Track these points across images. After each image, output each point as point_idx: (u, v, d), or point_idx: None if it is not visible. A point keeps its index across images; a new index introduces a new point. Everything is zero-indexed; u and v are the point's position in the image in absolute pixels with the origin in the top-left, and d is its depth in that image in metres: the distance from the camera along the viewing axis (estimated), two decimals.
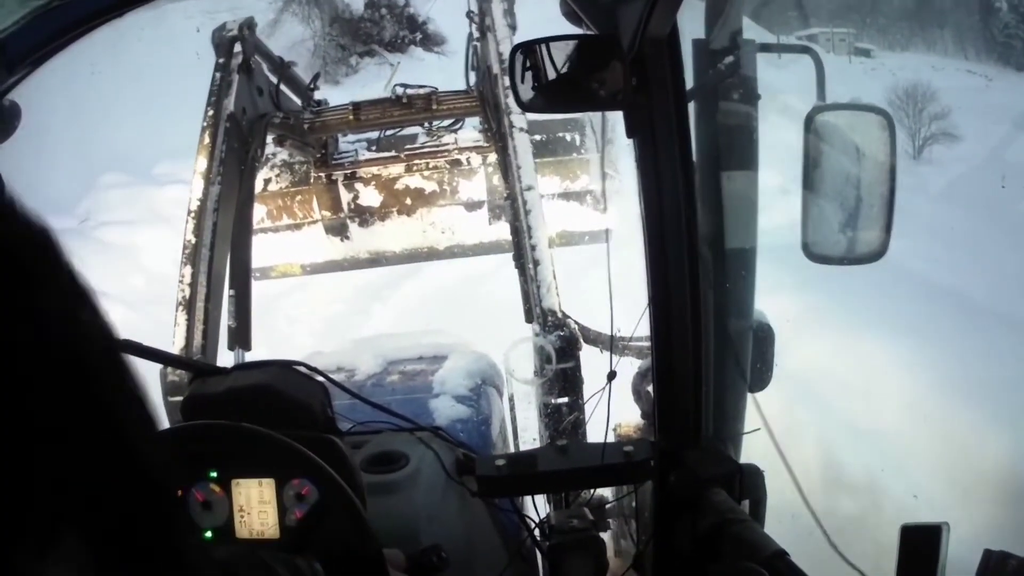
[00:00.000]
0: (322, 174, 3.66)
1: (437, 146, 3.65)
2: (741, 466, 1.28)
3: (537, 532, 1.57)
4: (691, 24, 1.42)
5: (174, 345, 2.22)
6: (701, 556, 1.18)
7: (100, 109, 11.31)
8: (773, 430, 1.75)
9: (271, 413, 1.24)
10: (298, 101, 3.31)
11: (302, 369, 1.44)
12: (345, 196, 3.75)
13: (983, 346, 5.26)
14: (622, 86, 1.09)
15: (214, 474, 1.24)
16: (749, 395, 1.65)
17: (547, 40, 1.11)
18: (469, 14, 3.28)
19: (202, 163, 2.42)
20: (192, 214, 2.36)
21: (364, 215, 3.80)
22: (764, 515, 1.32)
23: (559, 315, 2.11)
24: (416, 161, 3.67)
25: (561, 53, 1.11)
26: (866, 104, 1.57)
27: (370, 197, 3.76)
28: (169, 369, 2.10)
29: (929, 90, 15.88)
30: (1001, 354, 5.13)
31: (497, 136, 2.67)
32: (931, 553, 0.85)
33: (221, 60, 2.65)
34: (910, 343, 5.15)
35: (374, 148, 3.68)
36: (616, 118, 1.22)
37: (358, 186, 3.73)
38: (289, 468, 1.23)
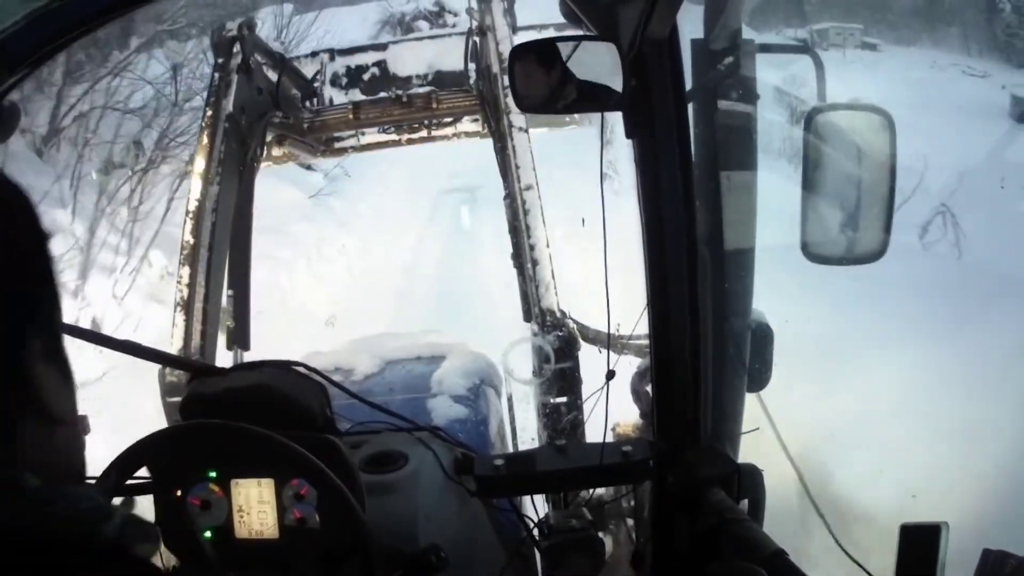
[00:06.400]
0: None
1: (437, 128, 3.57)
2: (740, 466, 1.28)
3: (536, 532, 1.57)
4: (690, 25, 1.42)
5: (172, 345, 2.22)
6: (700, 556, 1.18)
7: None
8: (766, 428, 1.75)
9: (270, 413, 1.23)
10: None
11: (301, 369, 1.44)
12: None
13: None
14: (622, 87, 1.09)
15: (213, 474, 1.25)
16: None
17: (547, 41, 1.12)
18: (469, 11, 3.28)
19: (200, 163, 2.42)
20: (191, 215, 2.36)
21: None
22: (763, 515, 1.32)
23: (558, 314, 2.11)
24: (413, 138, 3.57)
25: (561, 54, 1.11)
26: (866, 104, 1.56)
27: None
28: (168, 369, 2.10)
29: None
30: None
31: (496, 135, 2.66)
32: (930, 552, 0.85)
33: (220, 60, 2.64)
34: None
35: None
36: (615, 118, 1.22)
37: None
38: (288, 468, 1.23)
